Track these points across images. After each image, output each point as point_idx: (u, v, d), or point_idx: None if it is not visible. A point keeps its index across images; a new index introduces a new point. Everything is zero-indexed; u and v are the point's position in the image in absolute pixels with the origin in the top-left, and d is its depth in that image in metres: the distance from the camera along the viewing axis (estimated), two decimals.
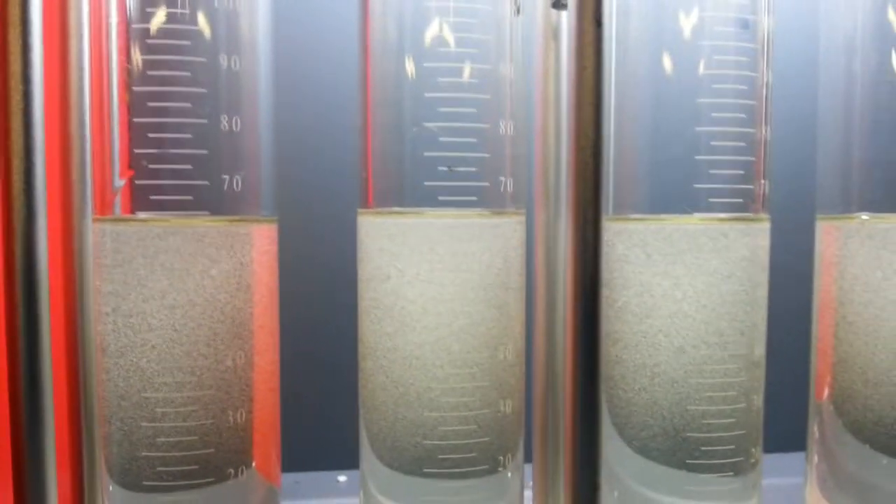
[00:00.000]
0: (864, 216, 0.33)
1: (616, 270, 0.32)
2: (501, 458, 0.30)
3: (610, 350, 0.32)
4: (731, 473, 0.31)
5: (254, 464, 0.29)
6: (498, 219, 0.30)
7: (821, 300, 0.35)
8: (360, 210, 0.30)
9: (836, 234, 0.34)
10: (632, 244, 0.31)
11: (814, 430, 0.35)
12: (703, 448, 0.31)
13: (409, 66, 0.28)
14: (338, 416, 0.43)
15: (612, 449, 0.32)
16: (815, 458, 0.35)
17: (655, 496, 0.31)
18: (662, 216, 0.31)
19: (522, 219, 0.31)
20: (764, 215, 0.32)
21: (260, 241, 0.29)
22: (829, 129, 0.34)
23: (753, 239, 0.31)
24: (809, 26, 0.36)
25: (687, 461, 0.31)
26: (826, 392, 0.34)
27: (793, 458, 0.39)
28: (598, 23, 0.29)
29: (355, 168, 0.31)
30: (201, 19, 0.27)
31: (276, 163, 0.31)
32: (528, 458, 0.33)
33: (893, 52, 0.32)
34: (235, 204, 0.28)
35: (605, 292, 0.32)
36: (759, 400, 0.31)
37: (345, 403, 0.36)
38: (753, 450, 0.31)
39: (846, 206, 0.34)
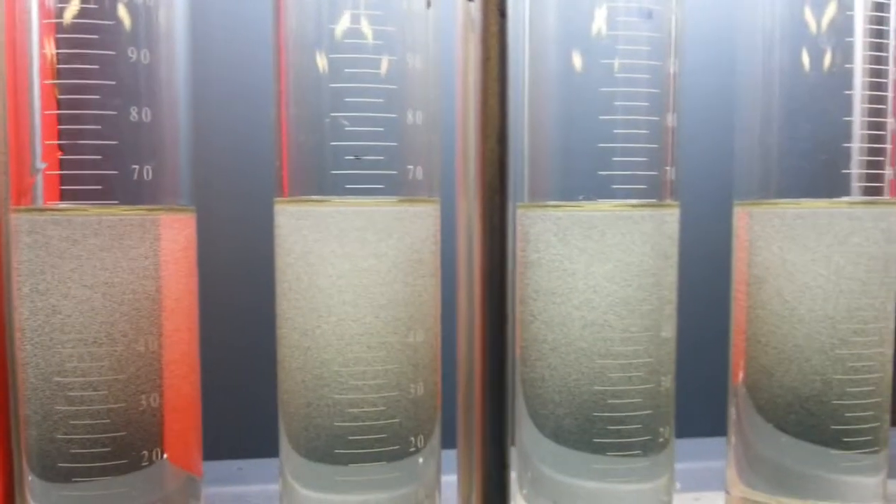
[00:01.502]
0: (776, 202, 0.34)
1: (532, 254, 0.32)
2: (413, 439, 0.31)
3: (525, 331, 0.33)
4: (638, 452, 0.32)
5: (170, 450, 0.30)
6: (408, 206, 0.30)
7: (736, 284, 0.36)
8: (275, 199, 0.31)
9: (750, 219, 0.35)
10: (546, 229, 0.32)
11: (731, 412, 0.36)
12: (609, 427, 0.31)
13: (318, 58, 0.29)
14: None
15: (527, 433, 0.33)
16: (733, 440, 0.36)
17: (567, 479, 0.32)
18: (574, 203, 0.32)
19: (435, 207, 0.32)
20: (672, 201, 0.33)
21: (174, 230, 0.30)
22: (744, 118, 0.35)
23: (662, 224, 0.32)
24: (730, 20, 0.37)
25: (594, 440, 0.31)
26: (740, 375, 0.35)
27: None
28: (503, 14, 0.30)
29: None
30: (112, 13, 0.28)
31: (192, 153, 0.31)
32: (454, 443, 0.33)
33: (804, 47, 0.33)
34: (147, 193, 0.29)
35: (523, 275, 0.32)
36: (668, 380, 0.32)
37: None
38: (662, 429, 0.32)
39: (760, 192, 0.34)
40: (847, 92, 0.32)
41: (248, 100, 0.43)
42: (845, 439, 0.33)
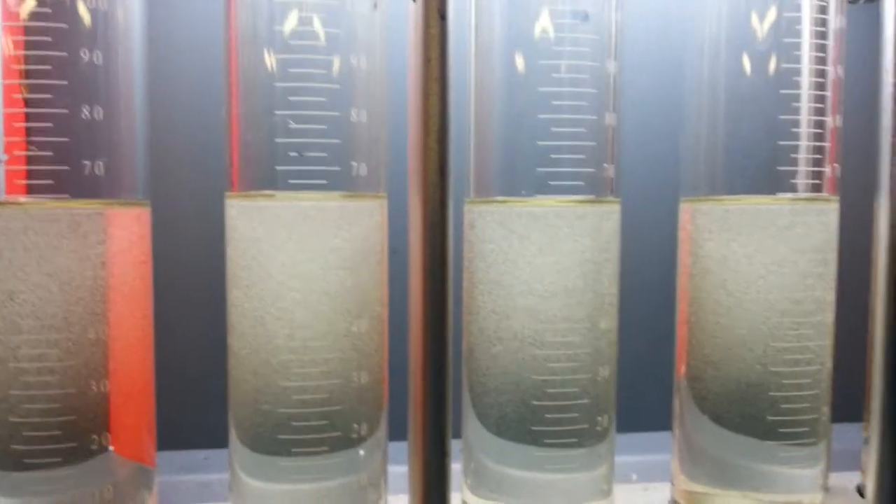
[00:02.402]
0: (720, 198, 0.35)
1: (478, 248, 0.33)
2: (356, 426, 0.32)
3: (471, 323, 0.34)
4: (576, 441, 0.33)
5: (120, 437, 0.31)
6: (351, 201, 0.31)
7: (680, 278, 0.37)
8: (226, 193, 0.32)
9: (694, 214, 0.35)
10: (491, 224, 0.33)
11: (675, 404, 0.37)
12: (547, 416, 0.32)
13: (264, 57, 0.30)
14: None
15: (471, 423, 0.34)
16: (677, 432, 0.37)
17: (507, 469, 0.33)
18: (517, 199, 0.33)
19: (381, 202, 0.33)
20: (613, 198, 0.34)
21: (128, 223, 0.31)
22: (689, 117, 0.36)
23: (602, 220, 0.33)
24: (679, 22, 0.38)
25: (533, 429, 0.32)
26: (683, 368, 0.36)
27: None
28: (443, 16, 0.31)
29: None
30: (65, 15, 0.29)
31: (148, 149, 0.33)
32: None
33: (746, 49, 0.34)
34: (100, 188, 0.30)
35: (469, 268, 0.33)
36: (606, 371, 0.33)
37: None
38: (601, 419, 0.33)
39: (705, 189, 0.35)
40: (784, 91, 0.33)
41: (207, 96, 0.44)
42: (781, 430, 0.34)
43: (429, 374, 0.31)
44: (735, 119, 0.34)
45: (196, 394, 0.44)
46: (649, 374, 0.44)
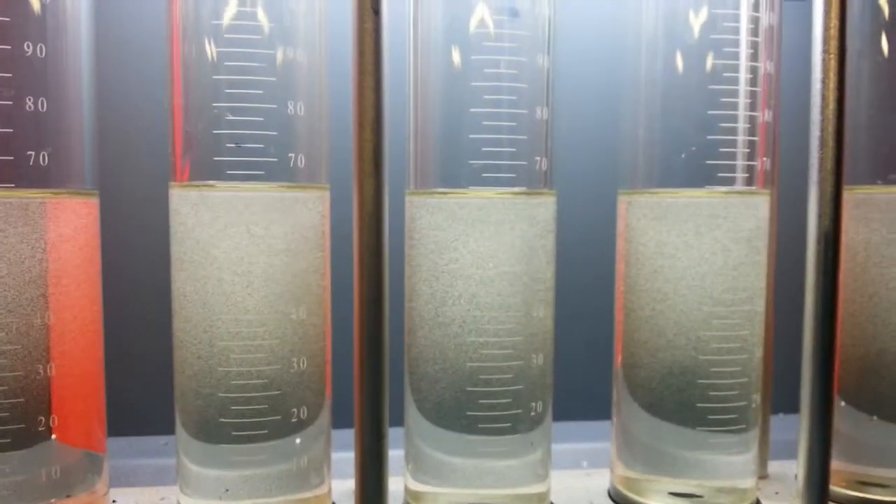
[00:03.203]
0: (656, 191, 0.36)
1: (417, 237, 0.34)
2: (296, 411, 0.33)
3: (411, 312, 0.35)
4: (509, 426, 0.34)
5: (67, 422, 0.32)
6: (290, 192, 0.32)
7: (618, 269, 0.37)
8: (170, 183, 0.33)
9: (631, 207, 0.36)
10: (429, 215, 0.34)
11: (613, 393, 0.38)
12: (481, 402, 0.33)
13: (203, 50, 0.31)
14: None
15: (410, 410, 0.35)
16: (614, 420, 0.38)
17: (444, 456, 0.34)
18: (452, 190, 0.34)
19: (322, 193, 0.34)
20: (548, 190, 0.35)
21: (73, 212, 0.32)
22: (626, 112, 0.37)
23: (535, 211, 0.34)
24: (618, 20, 0.39)
25: (468, 414, 0.33)
26: (619, 357, 0.37)
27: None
28: (376, 11, 0.32)
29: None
30: (7, 9, 0.30)
31: (96, 140, 0.34)
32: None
33: (678, 45, 0.35)
34: (47, 178, 0.31)
35: (410, 258, 0.34)
36: (540, 358, 0.34)
37: None
38: (535, 404, 0.34)
39: (642, 182, 0.36)
40: (713, 87, 0.34)
41: (158, 86, 0.45)
42: (711, 417, 0.35)
43: (365, 359, 0.32)
44: (668, 114, 0.35)
45: (156, 380, 0.45)
46: (604, 363, 0.45)
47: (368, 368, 0.32)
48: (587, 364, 0.48)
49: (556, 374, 0.44)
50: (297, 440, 0.33)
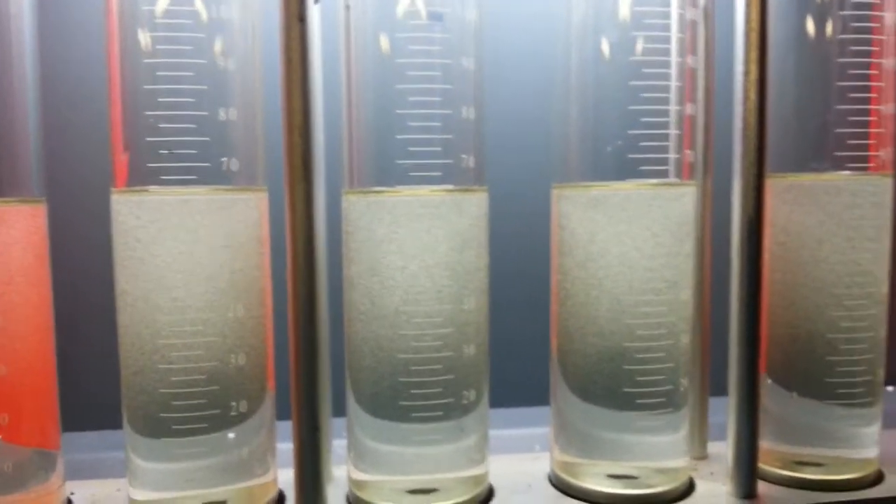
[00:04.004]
0: (589, 185, 0.37)
1: (351, 235, 0.35)
2: (235, 404, 0.34)
3: (350, 307, 0.36)
4: (441, 414, 0.35)
5: (19, 419, 0.34)
6: (226, 195, 0.34)
7: (552, 260, 0.39)
8: (111, 189, 0.35)
9: (561, 199, 0.38)
10: (363, 213, 0.35)
11: (551, 378, 0.39)
12: (413, 391, 0.35)
13: (135, 61, 0.33)
14: None
15: (350, 402, 0.36)
16: (552, 405, 0.39)
17: (381, 445, 0.36)
18: (383, 189, 0.35)
19: (258, 195, 0.35)
20: (478, 187, 0.36)
21: (21, 219, 0.34)
22: (557, 108, 0.38)
23: (465, 207, 0.35)
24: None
25: (401, 404, 0.35)
26: (554, 344, 0.39)
27: None
28: (301, 19, 0.33)
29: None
30: None
31: (40, 148, 0.35)
32: None
33: (603, 44, 0.36)
34: None
35: (346, 255, 0.36)
36: (471, 348, 0.35)
37: None
38: (467, 392, 0.35)
39: (574, 175, 0.37)
40: (634, 83, 0.35)
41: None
42: (638, 401, 0.36)
43: (300, 355, 0.33)
44: (595, 109, 0.36)
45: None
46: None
47: (303, 363, 0.33)
48: (543, 352, 0.49)
49: (510, 362, 0.46)
50: (238, 432, 0.35)
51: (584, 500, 0.37)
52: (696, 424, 0.42)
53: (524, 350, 0.43)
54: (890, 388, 0.55)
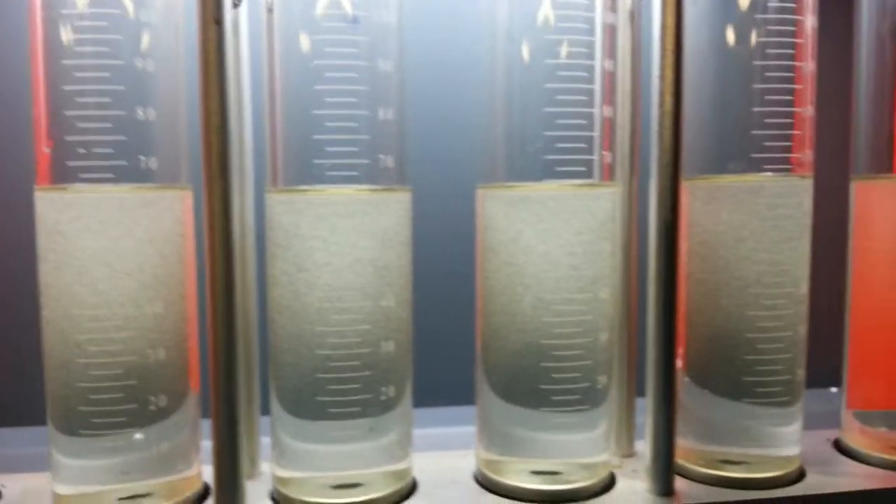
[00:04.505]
0: (512, 185, 0.37)
1: (273, 234, 0.36)
2: (154, 398, 0.35)
3: (271, 305, 0.37)
4: (357, 410, 0.35)
5: None
6: (146, 193, 0.34)
7: (478, 260, 0.39)
8: (35, 186, 0.35)
9: (485, 200, 0.38)
10: (283, 212, 0.36)
11: (476, 379, 0.40)
12: (330, 387, 0.35)
13: (57, 61, 0.33)
14: None
15: (272, 400, 0.37)
16: (477, 403, 0.40)
17: (299, 443, 0.36)
18: (303, 188, 0.35)
19: (181, 193, 0.36)
20: (400, 187, 0.36)
21: None
22: (481, 110, 0.38)
23: (388, 207, 0.36)
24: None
25: (318, 399, 0.35)
26: (479, 345, 0.39)
27: None
28: (217, 22, 0.33)
29: None
30: None
31: None
32: None
33: (522, 47, 0.36)
34: None
35: (270, 253, 0.36)
36: (391, 345, 0.36)
37: None
38: (385, 389, 0.36)
39: (499, 176, 0.38)
40: (549, 85, 0.36)
41: None
42: (554, 398, 0.37)
43: (218, 352, 0.34)
44: (515, 111, 0.37)
45: None
46: None
47: (221, 358, 0.34)
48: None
49: (446, 362, 0.46)
50: (158, 427, 0.35)
51: (506, 496, 0.38)
52: (624, 423, 0.43)
53: (458, 350, 0.44)
54: (834, 390, 0.56)
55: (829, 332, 0.45)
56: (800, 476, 0.40)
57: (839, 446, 0.44)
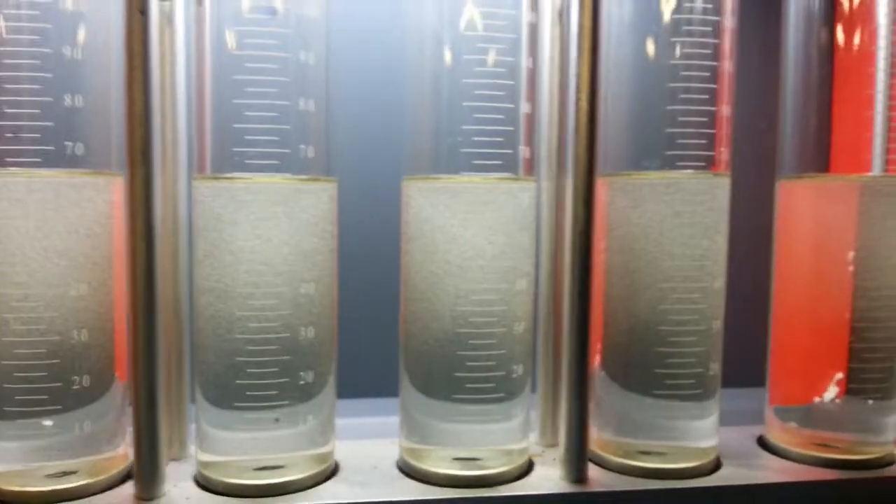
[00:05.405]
0: (432, 177, 0.38)
1: (197, 221, 0.37)
2: (77, 378, 0.36)
3: (193, 292, 0.38)
4: (275, 393, 0.36)
5: None
6: (73, 178, 0.35)
7: (402, 252, 0.40)
8: None
9: (410, 192, 0.39)
10: (207, 200, 0.37)
11: (400, 369, 0.41)
12: (249, 370, 0.36)
13: None
14: None
15: (197, 389, 0.38)
16: (400, 392, 0.41)
17: (217, 431, 0.37)
18: (224, 176, 0.36)
19: (106, 179, 0.37)
20: (324, 177, 0.37)
21: None
22: (408, 103, 0.39)
23: (311, 196, 0.37)
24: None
25: (237, 382, 0.36)
26: (402, 335, 0.40)
27: None
28: (142, 11, 0.34)
29: None
30: None
31: None
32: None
33: (444, 42, 0.37)
34: None
35: (193, 239, 0.37)
36: (310, 332, 0.37)
37: None
38: (304, 374, 0.37)
39: (420, 169, 0.39)
40: (468, 81, 0.37)
41: None
42: (469, 385, 0.37)
43: (137, 335, 0.35)
44: (436, 105, 0.38)
45: None
46: None
47: (140, 343, 0.35)
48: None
49: (383, 353, 0.47)
50: (81, 408, 0.36)
51: (423, 482, 0.39)
52: (549, 413, 0.44)
53: (390, 341, 0.45)
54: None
55: (766, 330, 0.46)
56: (715, 468, 0.40)
57: (762, 442, 0.44)
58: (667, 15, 0.38)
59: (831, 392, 0.40)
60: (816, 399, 0.41)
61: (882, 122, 0.42)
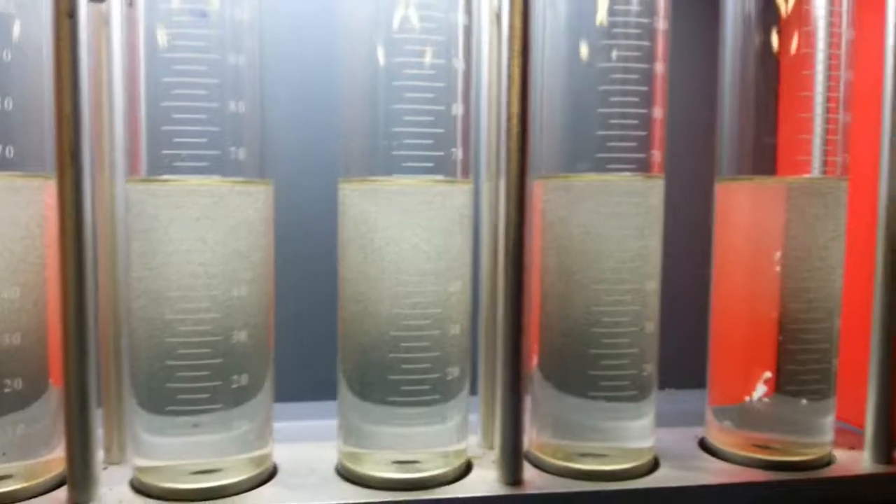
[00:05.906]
0: (368, 179, 0.38)
1: (132, 222, 0.37)
2: (9, 381, 0.36)
3: (131, 295, 0.38)
4: (207, 396, 0.36)
5: None
6: (3, 181, 0.35)
7: (339, 254, 0.40)
8: None
9: (346, 194, 0.39)
10: (141, 201, 0.36)
11: (337, 372, 0.41)
12: (180, 374, 0.36)
13: None
14: None
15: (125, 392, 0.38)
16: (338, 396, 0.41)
17: (156, 438, 0.37)
18: (156, 178, 0.36)
19: (40, 182, 0.37)
20: (257, 179, 0.37)
21: None
22: (340, 107, 0.39)
23: (242, 198, 0.37)
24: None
25: (167, 385, 0.36)
26: (340, 338, 0.40)
27: None
28: (70, 15, 0.34)
29: None
30: None
31: None
32: None
33: (377, 44, 0.37)
34: None
35: (128, 241, 0.37)
36: (243, 334, 0.37)
37: None
38: (237, 377, 0.37)
39: (355, 170, 0.39)
40: (398, 83, 0.37)
41: None
42: (403, 388, 0.38)
43: (68, 337, 0.35)
44: (370, 107, 0.38)
45: None
46: None
47: (72, 346, 0.35)
48: None
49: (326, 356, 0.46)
50: (16, 412, 0.36)
51: (360, 485, 0.39)
52: (490, 414, 0.44)
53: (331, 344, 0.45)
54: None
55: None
56: (652, 469, 0.41)
57: (703, 444, 0.45)
58: (599, 17, 0.38)
59: (759, 391, 0.41)
60: (747, 398, 0.41)
61: (821, 124, 0.43)
